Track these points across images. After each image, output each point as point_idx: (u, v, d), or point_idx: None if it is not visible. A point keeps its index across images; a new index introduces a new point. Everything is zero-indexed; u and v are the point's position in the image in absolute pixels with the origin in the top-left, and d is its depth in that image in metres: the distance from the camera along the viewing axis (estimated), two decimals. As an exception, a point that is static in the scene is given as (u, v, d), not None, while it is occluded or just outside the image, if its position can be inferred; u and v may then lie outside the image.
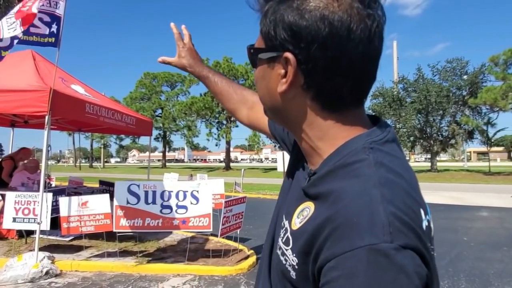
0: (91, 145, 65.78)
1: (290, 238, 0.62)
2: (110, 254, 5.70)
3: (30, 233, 6.29)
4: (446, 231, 8.08)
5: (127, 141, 65.47)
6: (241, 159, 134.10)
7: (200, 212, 5.47)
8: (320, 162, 0.63)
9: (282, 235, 0.66)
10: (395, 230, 0.48)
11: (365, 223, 0.49)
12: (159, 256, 5.87)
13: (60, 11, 4.72)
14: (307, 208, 0.61)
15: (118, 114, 6.74)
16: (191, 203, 5.46)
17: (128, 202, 5.47)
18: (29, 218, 5.44)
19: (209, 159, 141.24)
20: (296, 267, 0.59)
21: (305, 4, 0.57)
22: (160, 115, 50.55)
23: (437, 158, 33.24)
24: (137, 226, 5.49)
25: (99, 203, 5.48)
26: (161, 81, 52.62)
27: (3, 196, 5.80)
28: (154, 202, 5.46)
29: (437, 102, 27.55)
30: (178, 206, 5.46)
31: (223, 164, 51.83)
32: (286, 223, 0.66)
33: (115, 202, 5.50)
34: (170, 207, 5.46)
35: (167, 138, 55.08)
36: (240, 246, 6.18)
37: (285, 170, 0.85)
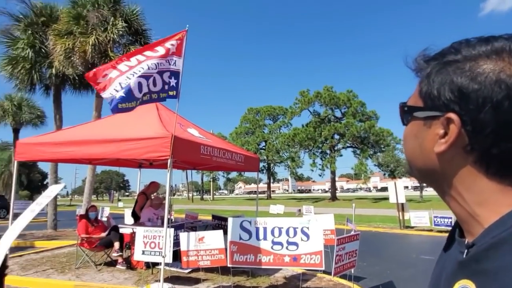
0: (202, 179, 70.98)
1: None
2: (224, 288, 5.91)
3: (155, 264, 6.91)
4: None
5: (233, 174, 69.04)
6: (347, 189, 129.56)
7: (311, 249, 5.35)
8: (480, 232, 0.57)
9: None
10: None
11: None
12: (271, 293, 5.86)
13: (177, 67, 5.33)
14: (465, 287, 0.54)
15: (228, 153, 7.17)
16: (302, 239, 5.38)
17: (240, 238, 5.65)
18: (155, 251, 6.01)
19: (313, 189, 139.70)
20: None
21: (478, 67, 0.56)
22: (264, 148, 52.33)
23: None
24: (250, 262, 5.60)
25: (214, 239, 5.78)
26: (264, 115, 54.82)
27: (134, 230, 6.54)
28: (265, 238, 5.54)
29: None
30: (289, 243, 5.43)
31: (328, 195, 50.69)
32: None
33: (229, 238, 5.74)
34: (281, 244, 5.47)
35: (272, 170, 56.43)
36: (355, 286, 5.82)
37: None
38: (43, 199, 2.32)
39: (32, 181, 48.75)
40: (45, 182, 56.03)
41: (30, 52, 12.78)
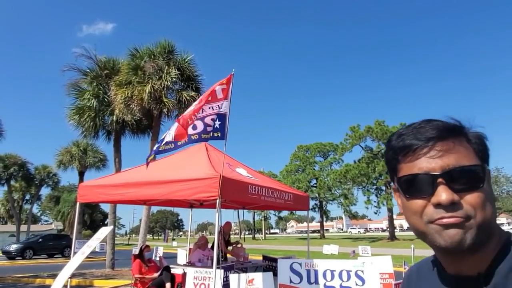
0: (253, 218, 70.56)
1: None
2: (276, 335, 5.63)
3: (206, 307, 6.81)
4: None
5: (285, 213, 67.93)
6: (407, 228, 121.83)
7: (366, 295, 5.00)
8: (488, 263, 0.64)
9: None
10: None
11: None
12: None
13: (224, 109, 5.53)
14: None
15: (277, 192, 7.11)
16: (356, 284, 5.06)
17: (291, 281, 5.45)
18: (205, 293, 5.94)
19: (370, 228, 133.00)
20: None
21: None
22: (315, 185, 51.33)
23: None
24: (301, 307, 5.34)
25: (265, 281, 5.61)
26: (314, 152, 54.28)
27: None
28: (316, 282, 5.29)
29: None
30: (342, 287, 5.13)
31: (386, 234, 47.90)
32: None
33: (279, 281, 5.56)
34: (333, 288, 5.18)
35: (324, 208, 54.84)
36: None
37: None
38: (93, 242, 2.43)
39: (95, 221, 51.57)
40: (106, 222, 59.06)
41: (95, 102, 14.00)
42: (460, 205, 0.65)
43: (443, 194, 0.65)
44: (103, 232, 2.33)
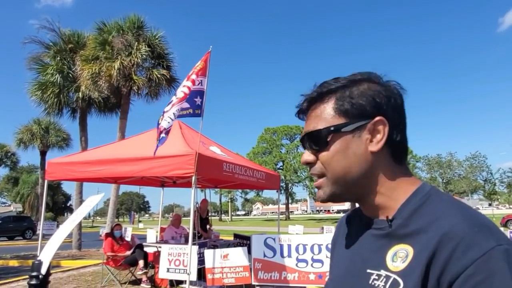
0: (220, 200, 70.89)
1: (399, 279, 0.66)
2: (249, 307, 5.85)
3: (179, 282, 6.91)
4: None
5: (251, 195, 68.68)
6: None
7: (336, 267, 5.29)
8: (396, 209, 0.72)
9: (382, 284, 0.68)
10: (504, 234, 0.61)
11: (486, 231, 0.60)
12: (297, 312, 5.76)
13: (202, 86, 5.52)
14: (402, 250, 0.68)
15: (250, 170, 7.23)
16: (327, 256, 5.34)
17: (265, 255, 5.65)
18: (179, 269, 6.03)
19: (333, 210, 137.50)
20: None
21: (375, 84, 0.78)
22: (281, 167, 52.16)
23: None
24: (274, 279, 5.57)
25: (238, 256, 5.78)
26: (281, 134, 54.90)
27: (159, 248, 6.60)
28: (289, 255, 5.52)
29: None
30: (314, 260, 5.39)
31: (348, 215, 49.66)
32: (382, 271, 0.69)
33: (253, 255, 5.74)
34: (305, 261, 5.43)
35: (290, 190, 55.99)
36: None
37: (332, 247, 0.95)
38: (83, 209, 2.43)
39: (56, 203, 49.91)
40: (68, 204, 57.26)
41: (59, 77, 13.38)
42: (316, 164, 0.78)
43: (303, 156, 0.80)
44: (94, 200, 2.32)
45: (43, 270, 1.91)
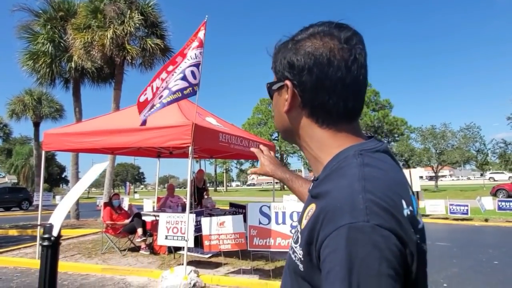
0: (215, 170, 71.45)
1: (299, 236, 0.72)
2: (244, 271, 6.11)
3: (177, 249, 7.17)
4: None
5: (246, 165, 69.30)
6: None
7: (328, 233, 5.50)
8: (321, 169, 0.77)
9: (294, 236, 0.76)
10: (372, 212, 0.60)
11: (347, 207, 0.61)
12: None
13: (199, 58, 5.49)
14: (311, 209, 0.72)
15: (245, 141, 7.34)
16: (320, 223, 5.54)
17: (260, 223, 5.85)
18: (177, 236, 6.24)
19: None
20: (302, 259, 0.69)
21: (300, 46, 0.77)
22: (276, 138, 52.39)
23: None
24: (269, 245, 5.80)
25: (234, 223, 5.98)
26: (276, 106, 54.68)
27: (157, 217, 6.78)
28: (284, 222, 5.72)
29: None
30: (307, 227, 5.59)
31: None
32: (298, 226, 0.76)
33: (248, 222, 5.93)
34: (299, 227, 5.63)
35: (285, 161, 56.51)
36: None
37: None
38: (89, 176, 2.52)
39: (51, 174, 50.00)
40: (63, 175, 57.45)
41: (50, 46, 13.09)
42: None
43: None
44: (98, 169, 2.38)
45: (55, 233, 2.02)
